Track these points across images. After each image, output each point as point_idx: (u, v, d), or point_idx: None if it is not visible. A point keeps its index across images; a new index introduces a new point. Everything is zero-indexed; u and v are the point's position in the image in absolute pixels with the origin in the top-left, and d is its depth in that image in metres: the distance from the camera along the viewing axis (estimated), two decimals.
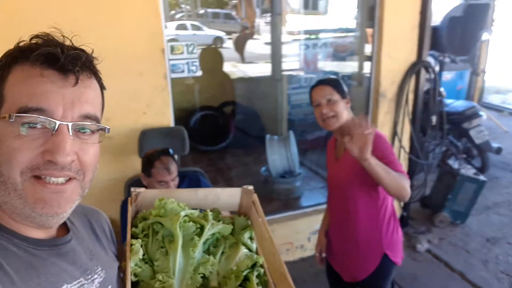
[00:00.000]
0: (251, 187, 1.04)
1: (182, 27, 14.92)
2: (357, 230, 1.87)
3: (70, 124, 0.61)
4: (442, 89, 4.98)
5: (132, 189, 0.98)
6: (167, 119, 2.57)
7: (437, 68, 5.33)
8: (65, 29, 2.14)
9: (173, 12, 19.98)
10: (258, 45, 12.60)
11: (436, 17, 6.48)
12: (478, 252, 3.25)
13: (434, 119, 3.35)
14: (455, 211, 3.60)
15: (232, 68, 10.20)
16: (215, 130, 5.14)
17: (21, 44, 0.63)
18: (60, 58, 0.61)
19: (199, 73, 2.67)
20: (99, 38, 2.24)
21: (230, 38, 13.80)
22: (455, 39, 5.85)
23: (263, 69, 7.88)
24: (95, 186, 2.35)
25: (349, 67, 5.07)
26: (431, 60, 5.03)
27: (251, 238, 1.00)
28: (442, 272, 3.06)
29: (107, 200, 2.46)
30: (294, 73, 6.43)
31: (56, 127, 0.59)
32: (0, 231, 0.63)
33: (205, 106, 5.35)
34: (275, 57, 5.13)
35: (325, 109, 1.76)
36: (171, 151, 2.15)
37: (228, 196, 1.04)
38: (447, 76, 5.83)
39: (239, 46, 11.80)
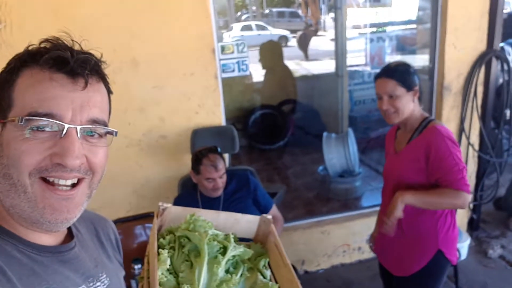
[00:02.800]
0: (269, 217, 1.06)
1: (247, 27, 15.16)
2: (412, 224, 1.79)
3: (79, 128, 0.62)
4: None
5: (160, 203, 1.02)
6: (218, 118, 2.61)
7: None
8: (118, 33, 2.25)
9: (239, 13, 20.40)
10: (323, 42, 12.42)
11: None
12: None
13: (508, 113, 3.04)
14: None
15: (296, 66, 10.15)
16: (274, 128, 5.14)
17: (30, 48, 0.64)
18: (70, 62, 0.61)
19: (248, 72, 2.67)
20: (151, 41, 2.37)
21: (294, 37, 13.76)
22: None
23: (328, 66, 7.74)
24: (150, 185, 2.49)
25: (418, 59, 4.80)
26: (508, 48, 4.59)
27: (265, 266, 1.04)
28: None
29: (161, 197, 2.56)
30: (359, 69, 6.24)
31: (65, 130, 0.60)
32: (6, 236, 0.64)
33: (265, 105, 5.37)
34: (339, 53, 5.00)
35: (386, 105, 1.71)
36: (218, 149, 2.18)
37: (246, 223, 1.09)
38: None
39: (303, 43, 11.72)
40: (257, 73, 5.93)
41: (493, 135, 3.16)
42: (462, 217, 3.17)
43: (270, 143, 5.06)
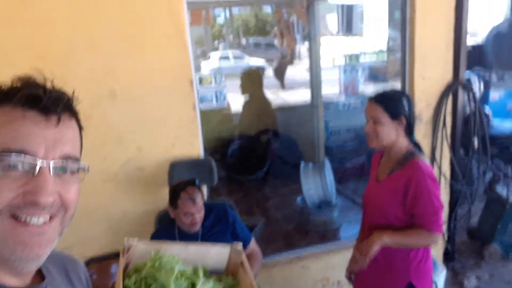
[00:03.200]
0: (239, 247, 1.05)
1: (224, 57, 15.37)
2: (385, 254, 1.79)
3: (51, 164, 0.62)
4: (488, 110, 4.73)
5: (126, 239, 1.00)
6: (197, 150, 2.60)
7: (481, 87, 5.07)
8: (94, 67, 2.23)
9: (216, 42, 20.68)
10: (299, 72, 12.68)
11: (479, 34, 6.24)
12: None
13: (476, 142, 3.15)
14: (507, 243, 3.32)
15: (272, 95, 10.28)
16: (252, 159, 5.14)
17: (2, 87, 0.64)
18: (43, 99, 0.62)
19: (226, 102, 2.70)
20: (128, 73, 2.37)
21: (271, 66, 14.03)
22: (502, 55, 5.59)
23: (303, 96, 7.88)
24: (126, 219, 2.42)
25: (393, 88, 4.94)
26: (474, 78, 4.80)
27: None
28: None
29: (138, 233, 2.48)
30: (334, 98, 6.36)
31: (38, 168, 0.60)
32: None
33: (243, 135, 5.39)
34: (314, 83, 5.12)
35: (368, 128, 1.77)
36: (197, 181, 2.16)
37: (217, 254, 1.07)
38: (495, 95, 5.52)
39: (279, 73, 11.94)
40: (235, 103, 5.98)
41: (463, 164, 3.26)
42: (437, 248, 3.21)
43: (248, 173, 5.05)
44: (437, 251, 3.17)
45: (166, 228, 2.22)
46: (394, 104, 1.77)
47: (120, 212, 2.50)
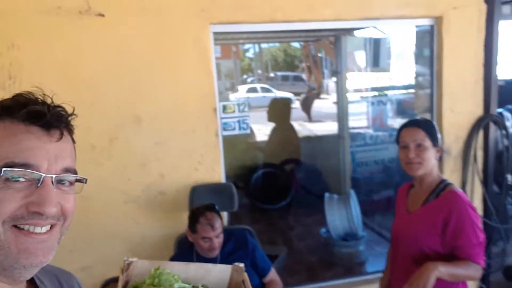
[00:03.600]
0: (242, 265, 1.02)
1: (252, 89, 15.64)
2: None
3: (54, 177, 0.64)
4: None
5: (125, 258, 0.99)
6: (218, 175, 2.61)
7: None
8: (122, 91, 2.32)
9: (245, 76, 21.14)
10: (326, 105, 12.71)
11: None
12: None
13: (510, 178, 3.02)
14: None
15: (299, 127, 10.31)
16: (276, 188, 5.10)
17: (2, 101, 0.66)
18: (46, 115, 0.64)
19: (249, 130, 2.72)
20: (155, 98, 2.44)
21: (298, 99, 14.15)
22: None
23: (330, 128, 7.87)
24: (145, 241, 2.43)
25: None
26: (507, 114, 4.66)
27: None
28: None
29: (157, 256, 2.49)
30: (361, 131, 6.31)
31: (41, 180, 0.63)
32: None
33: (268, 164, 5.38)
34: (341, 115, 5.11)
35: (412, 153, 1.68)
36: (216, 207, 2.15)
37: (218, 273, 1.05)
38: None
39: (306, 106, 12.01)
40: (261, 133, 6.02)
41: (497, 200, 3.11)
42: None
43: (272, 202, 5.00)
44: None
45: (185, 252, 2.20)
46: (434, 130, 1.73)
47: (140, 235, 2.51)
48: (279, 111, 5.46)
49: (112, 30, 2.36)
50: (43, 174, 0.63)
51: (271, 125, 5.55)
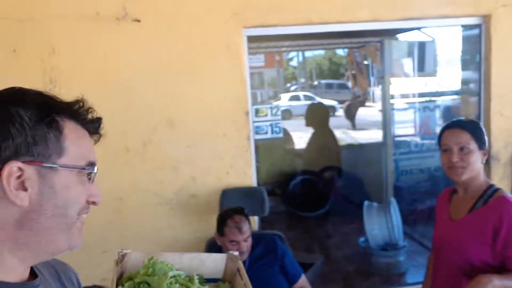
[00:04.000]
0: (236, 253, 1.00)
1: (295, 97, 15.59)
2: None
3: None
4: None
5: (119, 250, 1.00)
6: (250, 179, 2.59)
7: None
8: (156, 94, 2.37)
9: (288, 84, 21.14)
10: (372, 112, 12.41)
11: None
12: None
13: None
14: None
15: (342, 134, 10.14)
16: (314, 195, 5.01)
17: (69, 102, 0.71)
18: (96, 124, 0.73)
19: (281, 134, 2.68)
20: (187, 102, 2.47)
21: (341, 107, 13.94)
22: None
23: (375, 135, 7.67)
24: (177, 244, 2.44)
25: None
26: None
27: None
28: None
29: None
30: (408, 139, 6.10)
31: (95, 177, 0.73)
32: None
33: (306, 171, 5.30)
34: (385, 122, 4.96)
35: (456, 157, 1.57)
36: (245, 210, 2.12)
37: (213, 262, 1.03)
38: None
39: (350, 113, 11.80)
40: (301, 140, 5.96)
41: None
42: None
43: (309, 210, 4.91)
44: None
45: None
46: (481, 132, 1.61)
47: (172, 237, 2.53)
48: (317, 117, 5.38)
49: (148, 36, 2.42)
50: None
51: (312, 132, 5.48)
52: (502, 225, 1.50)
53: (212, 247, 2.36)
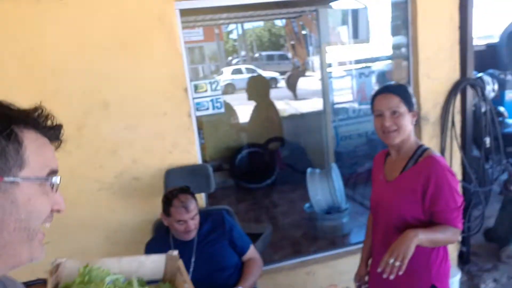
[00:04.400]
0: (175, 253, 1.01)
1: (237, 71, 15.49)
2: None
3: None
4: (502, 109, 4.56)
5: (53, 259, 0.96)
6: (194, 157, 2.56)
7: (496, 87, 4.90)
8: (87, 76, 2.23)
9: (230, 58, 20.91)
10: (312, 82, 12.64)
11: (494, 35, 6.09)
12: None
13: (487, 141, 3.01)
14: None
15: (285, 105, 10.28)
16: (261, 167, 5.10)
17: (25, 110, 0.68)
18: (57, 132, 0.72)
19: (223, 109, 2.66)
20: (122, 82, 2.37)
21: (283, 78, 14.07)
22: None
23: (316, 105, 7.84)
24: (123, 228, 2.38)
25: None
26: (487, 79, 4.65)
27: None
28: None
29: (135, 242, 2.46)
30: (347, 105, 6.32)
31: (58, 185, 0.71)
32: None
33: (251, 144, 5.36)
34: (324, 91, 5.08)
35: (388, 121, 1.63)
36: (190, 189, 2.11)
37: (152, 264, 1.03)
38: (510, 95, 5.34)
39: (291, 84, 11.96)
40: (244, 114, 5.97)
41: (477, 164, 3.12)
42: (451, 251, 3.06)
43: (257, 181, 5.00)
44: (450, 253, 3.02)
45: (161, 236, 2.17)
46: (409, 94, 1.68)
47: (117, 222, 2.47)
48: (258, 89, 5.41)
49: (73, 14, 2.26)
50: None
51: (254, 105, 5.50)
52: (429, 183, 1.60)
53: (159, 228, 2.34)
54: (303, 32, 11.41)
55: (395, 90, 1.68)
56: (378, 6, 5.84)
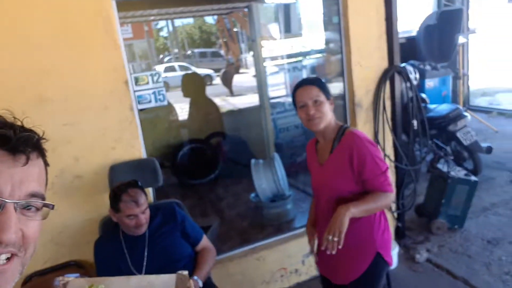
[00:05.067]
0: (185, 273, 0.99)
1: (170, 68, 15.19)
2: (349, 232, 1.75)
3: (17, 203, 0.62)
4: (424, 96, 4.96)
5: (60, 278, 0.92)
6: (138, 152, 2.51)
7: (417, 76, 5.33)
8: (24, 70, 2.09)
9: (161, 56, 20.42)
10: (247, 78, 12.77)
11: (413, 27, 6.58)
12: (479, 256, 3.11)
13: (415, 123, 3.28)
14: (451, 215, 3.48)
15: (222, 102, 10.31)
16: (204, 162, 5.08)
17: None
18: (12, 140, 0.62)
19: (166, 102, 2.63)
20: (59, 76, 2.25)
21: (218, 75, 14.06)
22: (432, 46, 5.90)
23: (251, 100, 7.96)
24: (68, 229, 2.28)
25: (333, 87, 5.10)
26: (409, 68, 5.04)
27: None
28: (444, 280, 2.91)
29: (82, 243, 2.37)
30: (282, 100, 6.48)
31: (3, 206, 0.60)
32: None
33: (193, 139, 5.32)
34: (260, 86, 5.18)
35: (312, 110, 1.76)
36: (138, 182, 2.07)
37: (161, 284, 1.00)
38: (430, 83, 5.83)
39: (226, 80, 11.99)
40: (183, 111, 5.90)
41: (406, 146, 3.38)
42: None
43: (201, 177, 4.98)
44: None
45: (111, 234, 2.11)
46: (325, 85, 1.83)
47: (61, 223, 2.35)
48: (192, 86, 5.38)
49: (7, 6, 2.11)
50: (5, 200, 0.60)
51: (189, 102, 5.46)
52: (353, 156, 1.75)
53: (107, 226, 2.27)
54: (235, 29, 11.49)
55: (313, 82, 1.83)
56: (309, 0, 6.05)
